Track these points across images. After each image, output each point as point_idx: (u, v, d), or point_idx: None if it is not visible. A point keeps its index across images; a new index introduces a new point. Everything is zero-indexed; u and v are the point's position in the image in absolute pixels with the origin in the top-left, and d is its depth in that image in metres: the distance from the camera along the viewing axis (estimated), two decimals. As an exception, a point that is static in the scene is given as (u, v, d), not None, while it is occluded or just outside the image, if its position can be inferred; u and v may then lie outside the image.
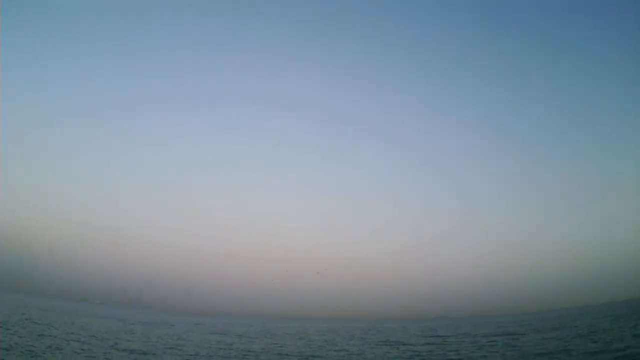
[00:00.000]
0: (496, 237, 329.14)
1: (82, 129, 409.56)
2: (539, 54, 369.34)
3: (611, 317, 55.23)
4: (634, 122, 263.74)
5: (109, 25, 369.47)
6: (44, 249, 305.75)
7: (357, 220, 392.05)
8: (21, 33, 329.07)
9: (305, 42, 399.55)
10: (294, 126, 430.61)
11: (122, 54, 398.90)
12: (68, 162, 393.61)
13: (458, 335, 47.17)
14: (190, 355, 28.64)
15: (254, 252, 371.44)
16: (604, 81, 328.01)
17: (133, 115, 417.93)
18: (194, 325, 71.49)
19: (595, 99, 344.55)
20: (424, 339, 43.64)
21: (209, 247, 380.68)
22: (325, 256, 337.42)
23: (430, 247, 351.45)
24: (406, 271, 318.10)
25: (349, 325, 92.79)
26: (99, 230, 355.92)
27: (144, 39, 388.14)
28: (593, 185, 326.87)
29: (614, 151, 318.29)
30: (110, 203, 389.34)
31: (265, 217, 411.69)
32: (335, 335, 53.68)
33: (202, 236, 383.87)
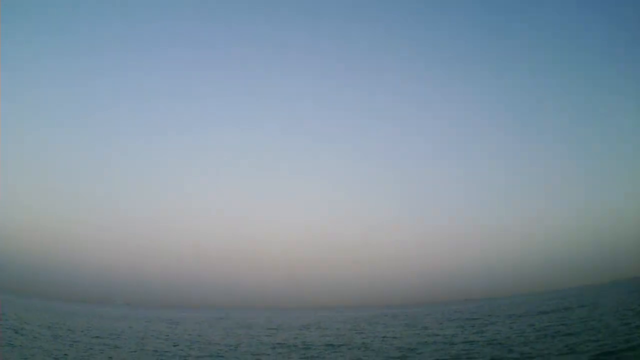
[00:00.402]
0: (511, 219, 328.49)
1: (82, 128, 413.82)
2: (538, 44, 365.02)
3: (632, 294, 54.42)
4: (635, 104, 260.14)
5: (107, 25, 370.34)
6: (54, 252, 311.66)
7: (373, 209, 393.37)
8: (21, 33, 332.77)
9: (306, 35, 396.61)
10: (300, 119, 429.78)
11: (122, 52, 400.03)
12: (69, 161, 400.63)
13: (485, 317, 46.76)
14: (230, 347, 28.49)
15: (268, 245, 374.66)
16: (606, 66, 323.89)
17: (133, 113, 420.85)
18: (218, 319, 72.02)
19: (597, 83, 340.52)
20: (455, 322, 43.32)
21: (220, 242, 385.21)
22: (344, 246, 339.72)
23: (451, 230, 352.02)
24: (429, 256, 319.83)
25: (374, 312, 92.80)
26: (109, 231, 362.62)
27: (143, 37, 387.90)
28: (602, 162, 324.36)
29: (616, 131, 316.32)
30: (119, 203, 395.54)
31: (277, 210, 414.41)
32: (361, 323, 53.30)
33: (211, 232, 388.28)
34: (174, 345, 30.87)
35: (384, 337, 33.24)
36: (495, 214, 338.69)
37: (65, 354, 24.26)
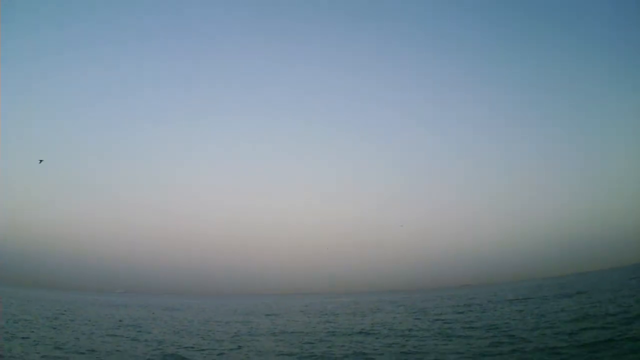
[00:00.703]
0: (511, 207, 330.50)
1: (80, 120, 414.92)
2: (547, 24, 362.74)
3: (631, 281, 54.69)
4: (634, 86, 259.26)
5: (108, 24, 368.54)
6: (55, 243, 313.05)
7: (373, 196, 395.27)
8: (22, 33, 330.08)
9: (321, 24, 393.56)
10: (303, 104, 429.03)
11: (123, 52, 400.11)
12: (65, 153, 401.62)
13: (484, 303, 46.98)
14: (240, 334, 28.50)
15: (268, 232, 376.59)
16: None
17: (130, 104, 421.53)
18: (218, 307, 72.47)
19: (597, 61, 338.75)
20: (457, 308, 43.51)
21: (220, 230, 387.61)
22: (345, 232, 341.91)
23: (451, 217, 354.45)
24: (429, 243, 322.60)
25: (374, 298, 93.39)
26: (109, 220, 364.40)
27: (144, 30, 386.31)
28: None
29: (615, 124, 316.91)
30: (118, 193, 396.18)
31: (276, 198, 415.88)
32: (360, 309, 53.44)
33: (211, 220, 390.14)
34: (175, 333, 30.95)
35: (383, 322, 33.39)
36: (495, 202, 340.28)
37: (65, 343, 24.26)
